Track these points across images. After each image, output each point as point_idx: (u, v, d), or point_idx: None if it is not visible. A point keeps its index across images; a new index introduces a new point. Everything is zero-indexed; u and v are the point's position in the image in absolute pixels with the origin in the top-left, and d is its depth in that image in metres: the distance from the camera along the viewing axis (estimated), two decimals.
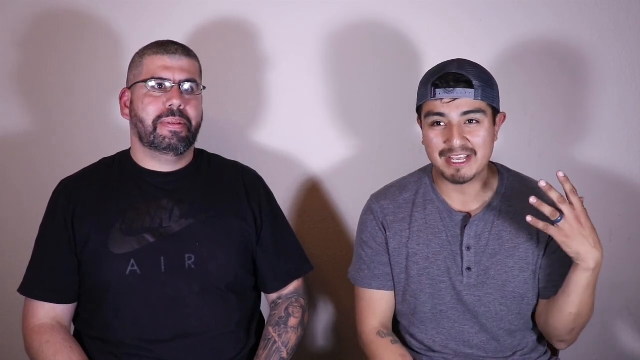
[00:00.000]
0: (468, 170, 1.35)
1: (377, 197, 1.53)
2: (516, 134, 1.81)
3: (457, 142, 1.33)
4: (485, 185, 1.45)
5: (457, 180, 1.37)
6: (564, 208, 1.25)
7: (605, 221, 1.86)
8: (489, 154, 1.38)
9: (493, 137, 1.39)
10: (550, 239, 1.42)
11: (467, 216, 1.44)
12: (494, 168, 1.49)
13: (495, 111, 1.39)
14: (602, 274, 1.82)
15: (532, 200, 1.25)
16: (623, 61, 1.78)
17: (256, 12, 1.82)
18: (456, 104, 1.33)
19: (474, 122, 1.34)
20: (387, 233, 1.49)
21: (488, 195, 1.45)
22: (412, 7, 1.80)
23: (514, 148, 1.80)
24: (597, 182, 1.84)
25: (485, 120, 1.35)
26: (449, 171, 1.37)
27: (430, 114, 1.37)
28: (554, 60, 1.80)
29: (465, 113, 1.34)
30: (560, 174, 1.24)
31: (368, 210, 1.53)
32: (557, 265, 1.44)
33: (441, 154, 1.36)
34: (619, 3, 1.76)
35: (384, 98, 1.85)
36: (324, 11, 1.82)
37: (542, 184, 1.24)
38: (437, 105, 1.35)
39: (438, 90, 1.34)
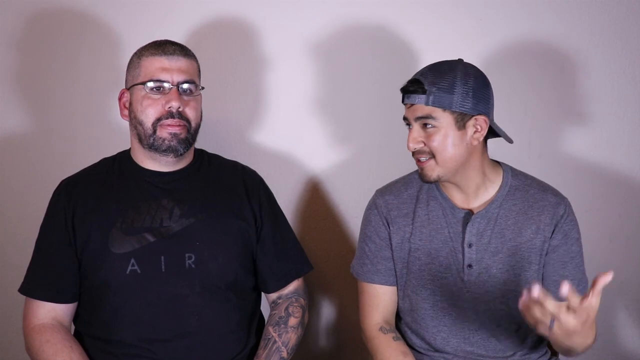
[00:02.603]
0: (428, 171, 1.40)
1: (381, 192, 1.54)
2: (516, 134, 1.80)
3: (410, 145, 1.40)
4: (486, 183, 1.45)
5: (423, 180, 1.42)
6: (555, 323, 1.16)
7: (605, 221, 1.86)
8: (453, 157, 1.38)
9: (458, 141, 1.37)
10: (551, 238, 1.42)
11: (470, 213, 1.45)
12: (499, 167, 1.49)
13: (464, 116, 1.36)
14: None
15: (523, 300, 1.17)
16: (623, 61, 1.78)
17: (256, 12, 1.82)
18: (412, 109, 1.39)
19: (430, 126, 1.37)
20: (391, 228, 1.50)
21: (491, 193, 1.46)
22: (412, 8, 1.80)
23: (514, 148, 1.80)
24: (597, 182, 1.84)
25: (443, 125, 1.36)
26: (419, 170, 1.44)
27: (403, 118, 1.43)
28: (554, 60, 1.80)
29: (418, 118, 1.38)
30: (564, 290, 1.11)
31: (372, 205, 1.54)
32: (557, 266, 1.44)
33: (412, 155, 1.42)
34: (619, 3, 1.76)
35: (383, 98, 1.85)
36: (324, 12, 1.81)
37: (535, 293, 1.13)
38: (405, 110, 1.42)
39: (403, 96, 1.41)
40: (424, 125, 1.38)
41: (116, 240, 1.41)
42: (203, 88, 1.49)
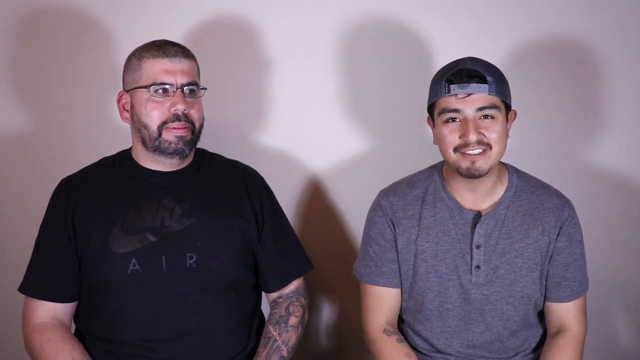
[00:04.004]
0: (483, 163, 1.35)
1: (386, 194, 1.52)
2: (516, 134, 1.81)
3: (473, 137, 1.33)
4: (496, 183, 1.45)
5: (472, 174, 1.36)
6: None
7: (605, 221, 1.86)
8: (503, 149, 1.38)
9: (506, 133, 1.39)
10: (556, 240, 1.43)
11: (478, 215, 1.44)
12: (505, 168, 1.49)
13: (508, 108, 1.40)
14: (602, 274, 1.84)
15: None
16: (624, 61, 1.78)
17: (259, 11, 1.82)
18: (471, 99, 1.33)
19: (489, 117, 1.34)
20: (396, 230, 1.48)
21: (498, 194, 1.45)
22: (413, 8, 1.80)
23: (514, 148, 1.80)
24: (597, 182, 1.84)
25: (500, 116, 1.35)
26: (464, 164, 1.36)
27: (445, 110, 1.36)
28: (554, 60, 1.80)
29: (481, 109, 1.33)
30: None
31: (377, 206, 1.52)
32: (560, 268, 1.44)
33: (455, 149, 1.36)
34: (620, 4, 1.76)
35: (385, 98, 1.85)
36: (326, 11, 1.81)
37: None
38: (451, 102, 1.35)
39: (452, 86, 1.34)
40: (481, 117, 1.34)
41: (117, 239, 1.41)
42: (205, 89, 1.49)
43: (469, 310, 1.45)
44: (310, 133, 1.88)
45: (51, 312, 1.43)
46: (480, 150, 1.34)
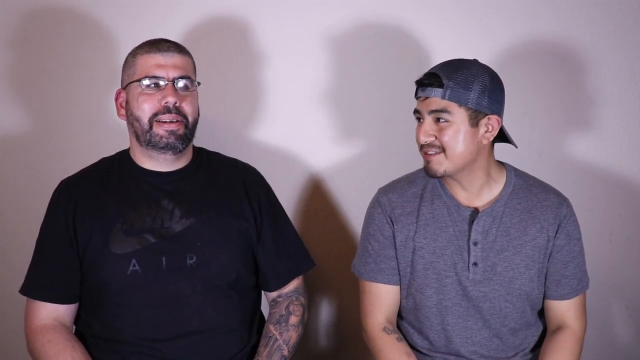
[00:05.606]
0: (435, 165, 1.39)
1: (385, 191, 1.54)
2: (516, 134, 1.80)
3: (422, 138, 1.39)
4: (489, 182, 1.46)
5: (429, 173, 1.42)
6: None
7: (605, 221, 1.87)
8: (463, 154, 1.38)
9: (470, 138, 1.37)
10: (555, 238, 1.43)
11: (475, 211, 1.45)
12: (502, 166, 1.50)
13: (478, 113, 1.37)
14: (602, 274, 1.84)
15: None
16: (623, 61, 1.79)
17: (258, 11, 1.82)
18: (427, 102, 1.38)
19: (443, 120, 1.37)
20: (395, 226, 1.49)
21: (495, 192, 1.46)
22: (412, 7, 1.80)
23: (514, 148, 1.80)
24: (597, 182, 1.84)
25: (456, 121, 1.36)
26: (424, 163, 1.43)
27: (414, 111, 1.43)
28: (554, 60, 1.80)
29: (433, 111, 1.38)
30: None
31: (376, 203, 1.53)
32: (559, 266, 1.44)
33: (420, 148, 1.42)
34: (619, 3, 1.77)
35: (384, 96, 1.85)
36: (324, 10, 1.82)
37: None
38: (417, 103, 1.42)
39: (418, 89, 1.41)
40: (437, 119, 1.37)
41: (117, 240, 1.40)
42: (199, 84, 1.49)
43: (467, 308, 1.46)
44: (310, 131, 1.88)
45: (53, 313, 1.42)
46: (433, 152, 1.39)
